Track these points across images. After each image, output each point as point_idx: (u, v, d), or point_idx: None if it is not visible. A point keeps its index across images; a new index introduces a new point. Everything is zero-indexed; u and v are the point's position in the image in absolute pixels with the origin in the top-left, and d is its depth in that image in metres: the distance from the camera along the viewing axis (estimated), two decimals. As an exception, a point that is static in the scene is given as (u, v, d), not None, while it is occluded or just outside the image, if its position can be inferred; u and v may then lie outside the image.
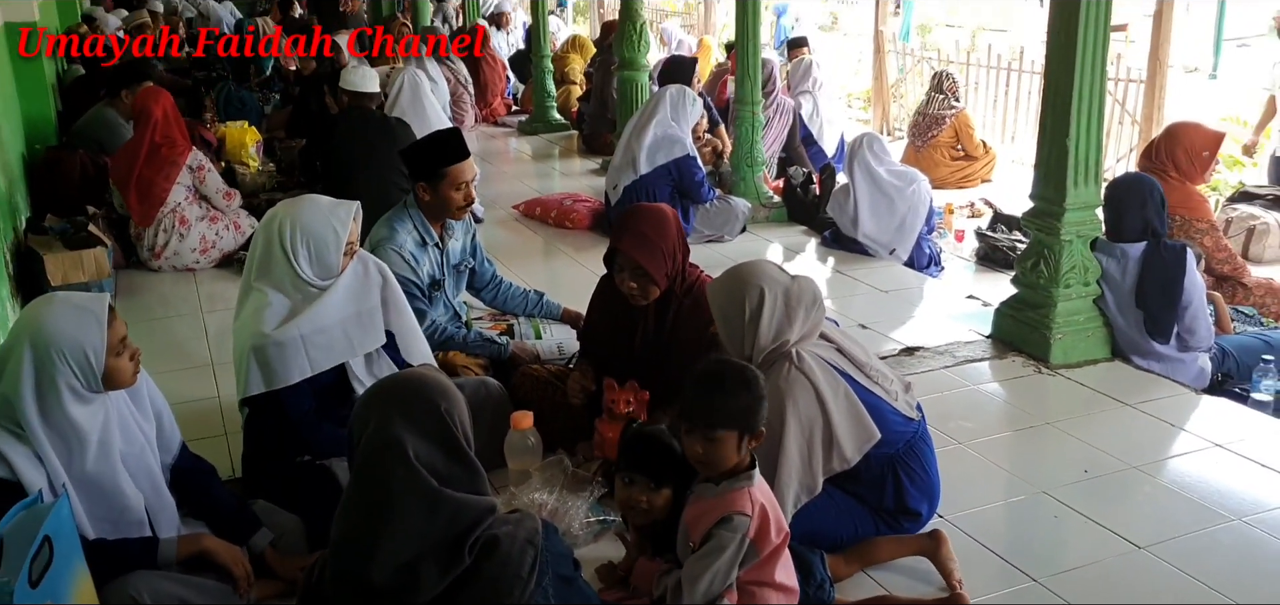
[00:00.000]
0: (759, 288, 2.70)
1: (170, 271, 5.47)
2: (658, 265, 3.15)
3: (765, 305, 2.69)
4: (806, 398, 2.68)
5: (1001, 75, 9.67)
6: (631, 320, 3.31)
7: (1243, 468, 3.38)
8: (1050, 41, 4.14)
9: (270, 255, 2.92)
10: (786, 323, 2.71)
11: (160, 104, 5.44)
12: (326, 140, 5.66)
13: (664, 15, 17.53)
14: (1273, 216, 6.16)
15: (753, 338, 2.71)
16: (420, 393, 1.98)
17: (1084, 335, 4.22)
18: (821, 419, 2.69)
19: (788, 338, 2.71)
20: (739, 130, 6.66)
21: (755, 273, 2.77)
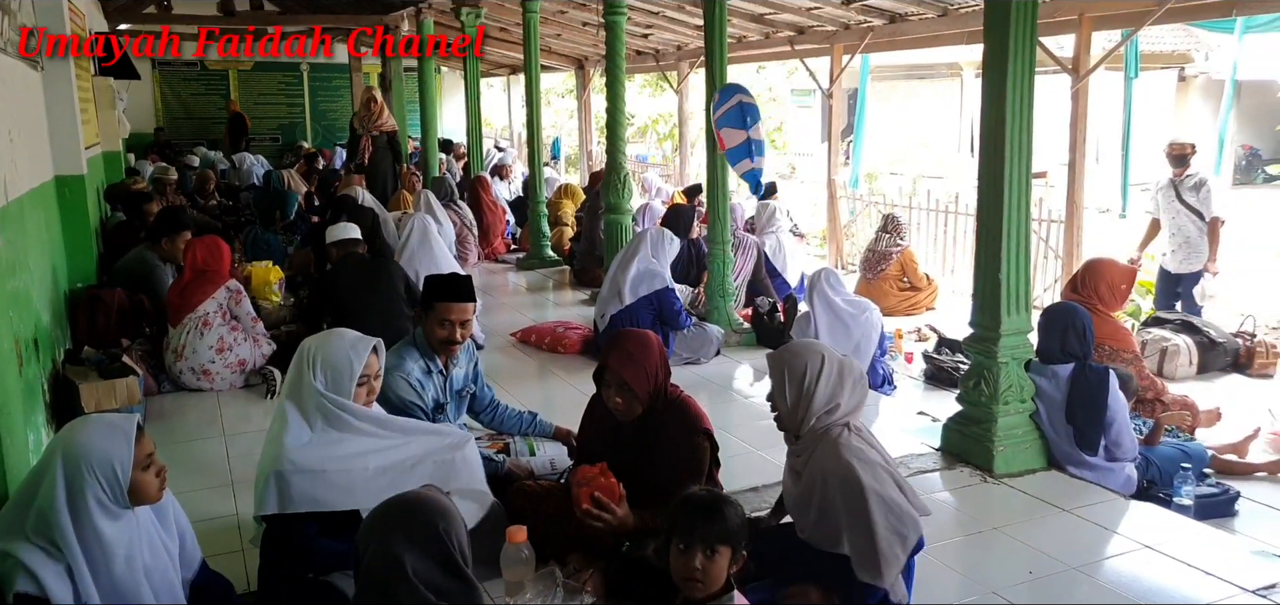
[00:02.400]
0: (820, 355, 2.79)
1: (190, 375, 5.40)
2: (641, 382, 3.14)
3: (824, 371, 2.74)
4: (868, 453, 2.71)
5: (940, 217, 9.83)
6: (617, 434, 3.28)
7: (1169, 566, 3.33)
8: (981, 188, 4.21)
9: (300, 376, 2.94)
10: (840, 389, 2.74)
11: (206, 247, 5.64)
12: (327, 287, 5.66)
13: (645, 167, 17.87)
14: (1182, 339, 6.22)
15: (809, 401, 2.74)
16: (420, 513, 1.95)
17: (1023, 447, 4.20)
18: (886, 464, 2.70)
19: (839, 404, 2.74)
20: (712, 266, 6.74)
21: (814, 345, 2.87)
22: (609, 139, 7.77)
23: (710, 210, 6.71)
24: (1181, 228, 7.20)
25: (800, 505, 2.81)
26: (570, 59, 15.33)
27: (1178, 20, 7.52)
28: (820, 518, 2.68)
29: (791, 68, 16.05)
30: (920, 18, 8.34)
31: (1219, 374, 6.22)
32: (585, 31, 12.20)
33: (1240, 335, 6.41)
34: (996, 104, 4.01)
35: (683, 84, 13.12)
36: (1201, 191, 7.12)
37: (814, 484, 2.71)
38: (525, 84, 9.66)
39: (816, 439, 2.70)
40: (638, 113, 19.69)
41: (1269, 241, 8.53)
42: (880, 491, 2.62)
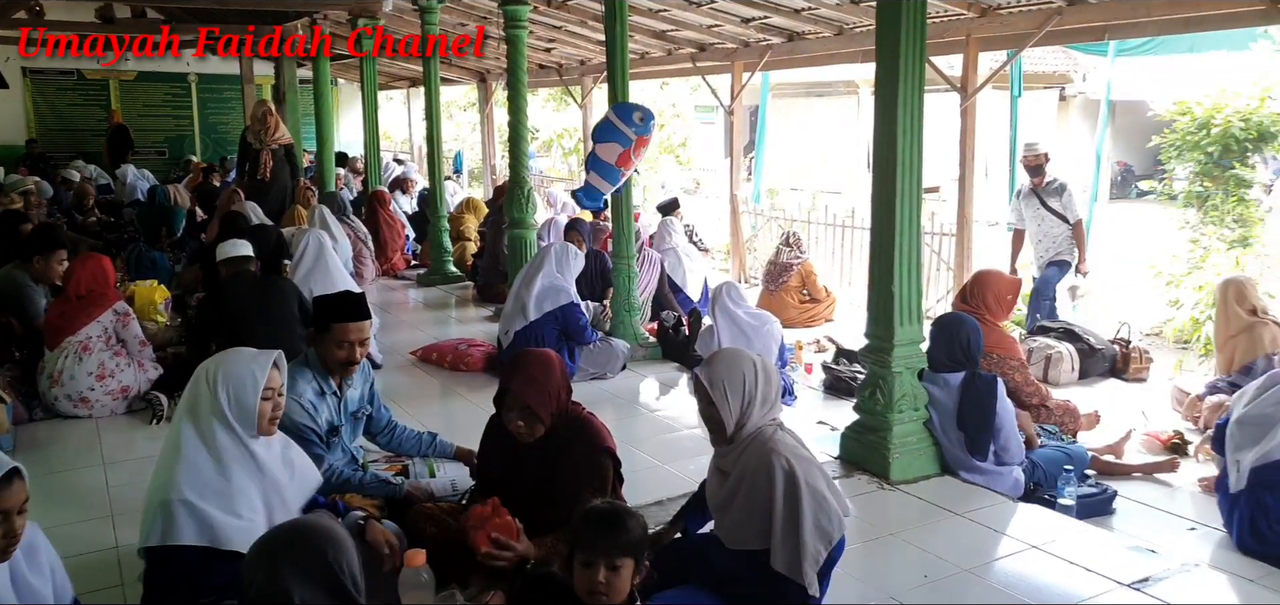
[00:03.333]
0: (750, 358, 2.85)
1: (66, 402, 5.12)
2: (544, 404, 3.13)
3: (758, 373, 2.80)
4: (801, 449, 2.78)
5: (838, 231, 10.09)
6: (518, 456, 3.26)
7: (1054, 565, 3.48)
8: (874, 203, 4.32)
9: (197, 393, 2.82)
10: (769, 388, 2.83)
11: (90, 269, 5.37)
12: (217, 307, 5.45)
13: (550, 180, 17.83)
14: (1065, 347, 6.52)
15: (751, 404, 2.78)
16: (307, 542, 1.88)
17: (917, 454, 4.33)
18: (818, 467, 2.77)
19: (770, 405, 2.82)
20: (616, 281, 6.76)
21: (739, 350, 2.95)
22: (511, 153, 7.73)
23: (614, 225, 6.74)
24: (1049, 233, 7.45)
25: (723, 504, 2.84)
26: (472, 72, 15.20)
27: (1056, 42, 7.90)
28: (744, 514, 2.73)
29: (694, 84, 16.26)
30: (817, 36, 8.56)
31: (1098, 379, 6.55)
32: (487, 45, 12.11)
33: (1117, 342, 6.76)
34: (888, 121, 4.14)
35: (587, 99, 13.15)
36: (1064, 195, 7.38)
37: (741, 481, 2.75)
38: (425, 97, 9.53)
39: (750, 439, 2.75)
40: (542, 127, 19.64)
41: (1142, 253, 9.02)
42: (813, 486, 2.68)
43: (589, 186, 6.28)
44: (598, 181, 6.21)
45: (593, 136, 6.22)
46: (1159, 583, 3.30)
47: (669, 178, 17.97)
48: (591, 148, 6.22)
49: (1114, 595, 3.24)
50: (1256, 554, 3.78)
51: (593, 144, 6.20)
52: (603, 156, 6.11)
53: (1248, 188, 7.79)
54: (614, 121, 6.08)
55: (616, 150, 6.09)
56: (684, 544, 3.12)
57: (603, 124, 6.16)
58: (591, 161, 6.23)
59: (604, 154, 6.10)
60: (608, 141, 6.10)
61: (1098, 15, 6.39)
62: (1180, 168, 8.17)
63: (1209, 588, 3.36)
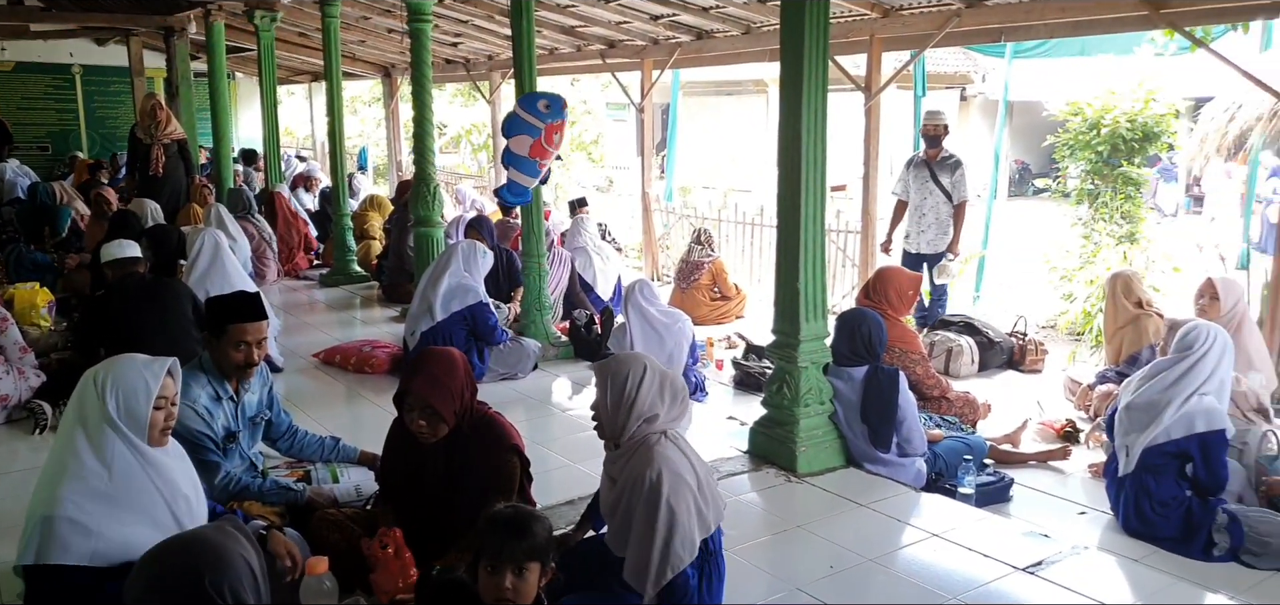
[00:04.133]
0: (644, 365, 2.82)
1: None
2: (446, 404, 3.09)
3: (645, 380, 2.78)
4: (678, 460, 2.74)
5: (748, 229, 10.24)
6: (422, 457, 3.22)
7: (954, 552, 3.61)
8: (780, 201, 4.41)
9: (85, 400, 2.67)
10: (660, 401, 2.78)
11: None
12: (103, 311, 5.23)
13: (459, 177, 17.62)
14: (965, 340, 6.76)
15: (629, 408, 2.76)
16: (184, 563, 1.78)
17: (823, 447, 4.43)
18: (692, 481, 2.72)
19: (658, 414, 2.79)
20: (527, 280, 6.73)
21: (639, 355, 2.89)
22: (417, 149, 7.62)
23: (524, 223, 6.70)
24: (934, 208, 7.39)
25: (611, 510, 2.86)
26: (376, 66, 14.91)
27: (956, 44, 8.18)
28: (623, 522, 2.74)
29: (606, 81, 16.29)
30: (726, 35, 8.67)
31: (997, 371, 6.80)
32: (391, 38, 11.91)
33: (1014, 335, 7.04)
34: (793, 120, 4.22)
35: (495, 94, 13.04)
36: (956, 173, 7.33)
37: (625, 489, 2.75)
38: (326, 92, 9.32)
39: (634, 447, 2.75)
40: (449, 122, 19.37)
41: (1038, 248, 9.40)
42: (674, 506, 2.66)
43: (511, 183, 6.24)
44: (518, 176, 6.18)
45: (502, 132, 6.18)
46: (1052, 566, 3.45)
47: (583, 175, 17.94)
48: (505, 145, 6.17)
49: (1010, 580, 3.38)
50: (1141, 535, 4.01)
51: (504, 140, 6.15)
52: (515, 151, 6.08)
53: (1135, 186, 8.19)
54: (520, 114, 6.06)
55: (527, 142, 6.07)
56: (591, 545, 3.13)
57: (510, 118, 6.13)
58: (506, 157, 6.19)
59: (516, 147, 6.07)
60: (517, 135, 6.06)
61: (994, 17, 6.64)
62: (1073, 166, 8.53)
63: (1097, 568, 3.53)
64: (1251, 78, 5.90)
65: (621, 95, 11.10)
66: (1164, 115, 8.04)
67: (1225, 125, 8.26)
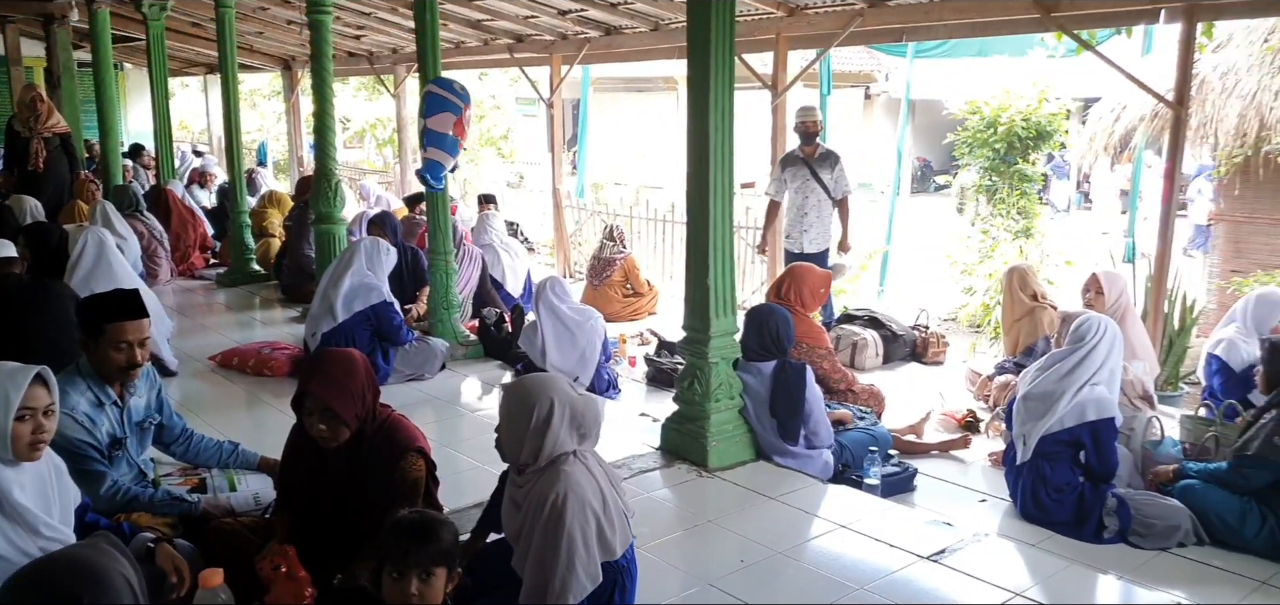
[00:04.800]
0: (550, 399, 2.65)
1: None
2: (347, 406, 2.99)
3: (554, 417, 2.63)
4: (585, 482, 2.63)
5: (660, 226, 10.28)
6: (323, 462, 3.12)
7: (861, 543, 3.68)
8: (689, 198, 4.41)
9: None
10: (569, 438, 2.67)
11: None
12: None
13: (363, 173, 17.23)
14: (869, 333, 6.91)
15: (537, 445, 2.63)
16: (55, 587, 1.67)
17: (733, 441, 4.46)
18: (599, 507, 2.64)
19: (569, 451, 2.67)
20: (433, 278, 6.61)
21: (549, 385, 2.71)
22: (318, 144, 7.40)
23: (430, 219, 6.58)
24: (816, 205, 7.18)
25: (516, 535, 2.74)
26: (276, 59, 14.47)
27: (859, 43, 8.36)
28: (527, 546, 2.65)
29: (514, 76, 16.14)
30: (634, 32, 8.68)
31: (900, 363, 6.99)
32: (290, 30, 11.57)
33: (916, 328, 7.23)
34: (701, 117, 4.24)
35: (399, 88, 12.79)
36: (836, 169, 7.14)
37: (529, 513, 2.66)
38: (221, 84, 8.99)
39: (541, 471, 2.66)
40: (354, 117, 18.93)
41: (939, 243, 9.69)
42: (576, 531, 2.56)
43: (430, 162, 6.13)
44: (438, 155, 6.09)
45: (422, 114, 6.05)
46: (954, 553, 3.55)
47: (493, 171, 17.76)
48: (423, 125, 6.05)
49: (915, 568, 3.46)
50: (1037, 520, 4.17)
51: (424, 121, 6.04)
52: (438, 128, 6.01)
53: (1030, 182, 8.51)
54: (440, 93, 6.00)
55: (450, 119, 6.02)
56: (499, 548, 3.06)
57: (430, 98, 6.03)
58: (428, 138, 6.06)
59: (438, 126, 6.00)
60: (439, 113, 5.99)
61: (895, 17, 6.81)
62: (972, 163, 8.82)
63: (997, 555, 3.64)
64: (1133, 80, 6.18)
65: (531, 90, 11.01)
66: (1056, 114, 8.38)
67: (1111, 125, 8.64)
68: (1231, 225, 8.76)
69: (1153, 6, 5.59)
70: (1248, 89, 7.61)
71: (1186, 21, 5.51)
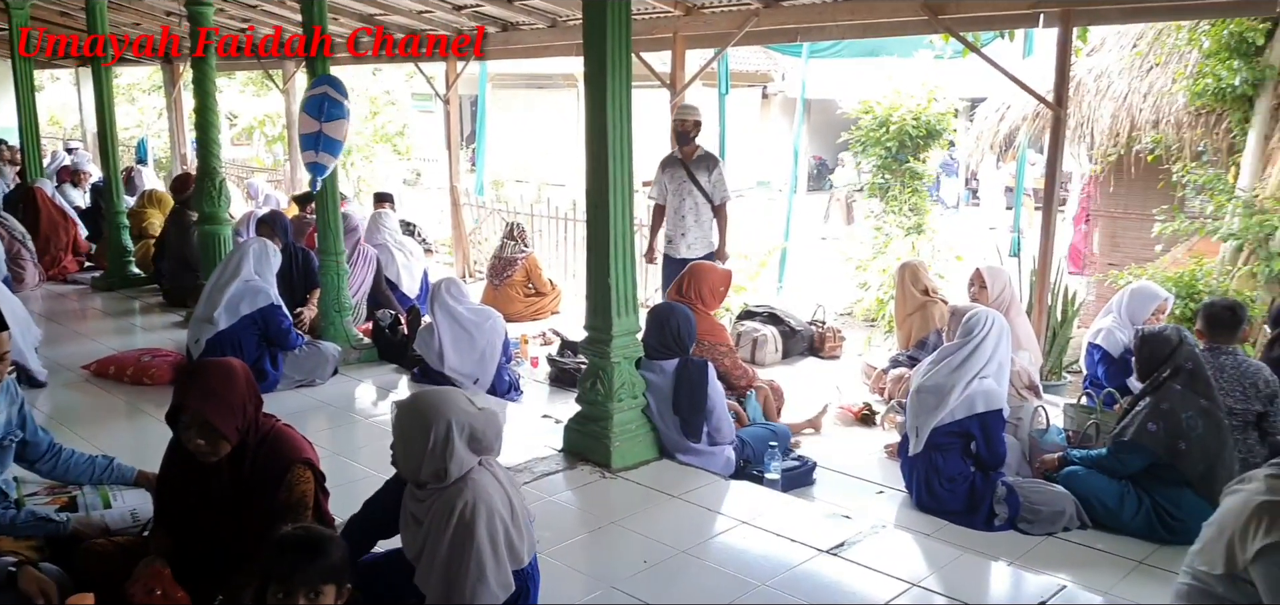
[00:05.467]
0: (447, 420, 2.54)
1: None
2: (227, 420, 2.84)
3: (450, 438, 2.53)
4: (493, 490, 2.56)
5: (561, 224, 10.20)
6: (204, 478, 2.95)
7: (762, 538, 3.70)
8: (589, 197, 4.38)
9: None
10: (468, 458, 2.57)
11: None
12: None
13: (251, 171, 16.60)
14: (769, 329, 7.00)
15: (439, 467, 2.53)
16: None
17: (637, 441, 4.45)
18: (507, 514, 2.57)
19: (468, 472, 2.58)
20: (324, 279, 6.39)
21: (444, 404, 2.59)
22: (200, 141, 7.10)
23: (319, 218, 6.36)
24: (694, 210, 6.75)
25: (417, 552, 2.64)
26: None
27: (756, 42, 8.46)
28: (431, 560, 2.55)
29: (410, 71, 15.79)
30: (531, 28, 8.58)
31: (799, 358, 7.09)
32: (169, 22, 11.04)
33: (814, 323, 7.35)
34: (598, 115, 4.20)
35: (289, 83, 12.36)
36: (714, 172, 6.72)
37: (433, 528, 2.57)
38: (93, 78, 8.52)
39: (443, 487, 2.57)
40: (241, 113, 18.22)
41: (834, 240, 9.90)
42: (487, 541, 2.49)
43: (318, 164, 5.95)
44: (328, 159, 5.95)
45: (317, 116, 5.83)
46: (853, 546, 3.61)
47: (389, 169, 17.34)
48: (316, 128, 5.84)
49: (815, 562, 3.50)
50: (932, 510, 4.27)
51: (319, 124, 5.82)
52: (334, 134, 5.89)
53: (921, 180, 8.76)
54: (336, 97, 5.87)
55: (344, 126, 5.96)
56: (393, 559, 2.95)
57: (326, 102, 5.83)
58: (322, 142, 5.86)
59: (335, 132, 5.89)
60: (336, 119, 5.87)
61: (790, 18, 6.90)
62: (865, 162, 9.03)
63: (894, 545, 3.72)
64: (1016, 81, 6.42)
65: (428, 86, 10.79)
66: (945, 114, 8.65)
67: (996, 124, 8.99)
68: (1108, 220, 9.20)
69: (1032, 11, 5.81)
70: (1120, 91, 8.02)
71: (1063, 26, 5.74)
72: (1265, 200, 6.27)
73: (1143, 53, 7.96)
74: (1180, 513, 3.97)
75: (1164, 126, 7.62)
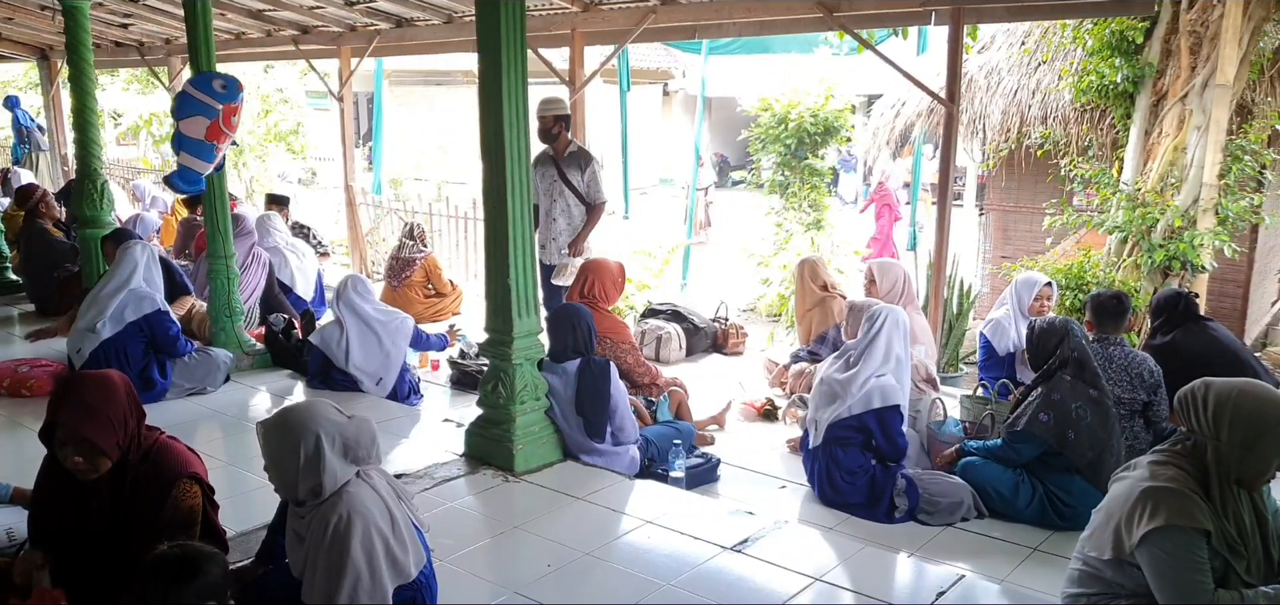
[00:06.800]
0: (315, 433, 2.44)
1: None
2: (106, 435, 2.69)
3: (324, 450, 2.43)
4: (370, 501, 2.47)
5: (462, 223, 10.04)
6: (83, 497, 2.79)
7: (667, 537, 3.69)
8: (485, 196, 4.28)
9: None
10: (343, 469, 2.47)
11: None
12: None
13: (137, 172, 15.87)
14: (672, 327, 7.02)
15: (313, 482, 2.43)
16: None
17: (540, 443, 4.39)
18: (388, 527, 2.48)
19: (343, 487, 2.48)
20: (214, 283, 6.12)
21: (310, 417, 2.49)
22: (79, 141, 6.75)
23: (207, 221, 6.10)
24: (566, 211, 6.32)
25: (300, 570, 2.55)
26: (30, 47, 13.07)
27: (654, 40, 8.44)
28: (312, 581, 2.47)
29: (303, 68, 15.31)
30: (427, 24, 8.41)
31: (703, 355, 7.13)
32: (45, 16, 10.45)
33: (717, 320, 7.40)
34: (494, 113, 4.11)
35: (175, 80, 11.85)
36: (587, 171, 6.30)
37: (311, 546, 2.48)
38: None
39: (318, 504, 2.48)
40: (126, 111, 17.41)
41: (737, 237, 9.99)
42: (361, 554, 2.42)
43: (183, 169, 5.63)
44: (191, 162, 5.59)
45: (174, 114, 5.57)
46: (757, 542, 3.62)
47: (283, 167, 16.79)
48: (174, 127, 5.57)
49: (720, 559, 3.50)
50: (834, 503, 4.33)
51: (175, 123, 5.55)
52: (189, 133, 5.51)
53: (820, 176, 8.92)
54: (194, 93, 5.52)
55: (203, 123, 5.52)
56: (276, 577, 2.82)
57: (182, 98, 5.54)
58: (178, 142, 5.57)
59: (190, 129, 5.51)
60: (191, 116, 5.51)
61: (687, 15, 6.92)
62: (765, 159, 9.14)
63: (797, 540, 3.74)
64: (910, 78, 6.58)
65: (322, 83, 10.47)
66: (842, 110, 8.82)
67: (892, 120, 9.19)
68: (1000, 214, 9.52)
69: (924, 8, 5.95)
70: (1010, 87, 8.29)
71: (954, 23, 5.89)
72: (1147, 193, 6.56)
73: (1031, 50, 8.24)
74: (1071, 499, 4.09)
75: (1052, 122, 7.91)
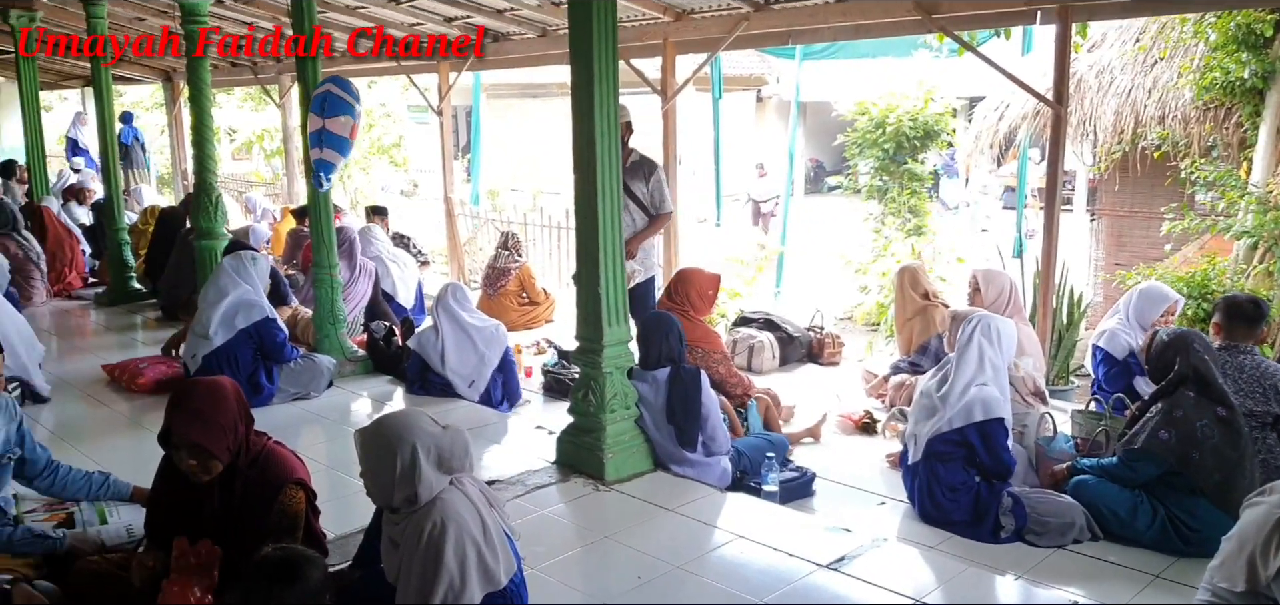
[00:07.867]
0: (411, 444, 2.49)
1: None
2: (217, 441, 2.82)
3: (420, 460, 2.47)
4: (463, 508, 2.50)
5: (555, 232, 10.13)
6: (197, 498, 2.92)
7: (760, 553, 3.62)
8: (578, 205, 4.29)
9: None
10: (437, 480, 2.51)
11: None
12: None
13: (249, 185, 16.57)
14: (765, 336, 6.89)
15: (409, 492, 2.47)
16: None
17: (630, 452, 4.36)
18: (480, 534, 2.50)
19: (438, 495, 2.52)
20: (318, 292, 6.31)
21: (407, 428, 2.54)
22: (196, 156, 7.06)
23: (314, 231, 6.30)
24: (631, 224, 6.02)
25: (395, 577, 2.58)
26: (156, 70, 13.80)
27: (747, 46, 8.33)
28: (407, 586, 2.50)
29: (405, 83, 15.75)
30: (522, 38, 8.52)
31: (797, 365, 6.98)
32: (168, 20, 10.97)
33: (812, 329, 7.24)
34: (587, 123, 4.12)
35: (285, 97, 12.33)
36: (653, 179, 6.04)
37: (407, 551, 2.51)
38: (95, 96, 8.51)
39: (412, 512, 2.52)
40: (240, 127, 18.22)
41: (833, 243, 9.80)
42: (455, 560, 2.43)
43: (326, 164, 5.91)
44: (333, 156, 5.89)
45: (320, 113, 5.79)
46: (853, 560, 3.51)
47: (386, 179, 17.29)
48: (320, 125, 5.79)
49: (815, 577, 3.41)
50: (935, 520, 4.12)
51: (323, 121, 5.78)
52: (335, 130, 5.81)
53: (920, 181, 8.67)
54: (339, 93, 5.80)
55: (348, 122, 5.85)
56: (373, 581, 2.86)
57: (327, 97, 5.78)
58: (324, 139, 5.81)
59: (336, 127, 5.80)
60: (338, 115, 5.79)
61: (782, 21, 6.81)
62: (862, 163, 8.95)
63: (896, 559, 3.61)
64: (1013, 79, 6.32)
65: (422, 98, 10.73)
66: (942, 114, 8.56)
67: (996, 123, 8.89)
68: (1113, 220, 9.10)
69: (1029, 7, 5.70)
70: (1123, 87, 7.91)
71: (1061, 21, 5.63)
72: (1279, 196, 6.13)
73: (1146, 47, 7.85)
74: (1197, 523, 3.78)
75: (1170, 122, 7.50)
